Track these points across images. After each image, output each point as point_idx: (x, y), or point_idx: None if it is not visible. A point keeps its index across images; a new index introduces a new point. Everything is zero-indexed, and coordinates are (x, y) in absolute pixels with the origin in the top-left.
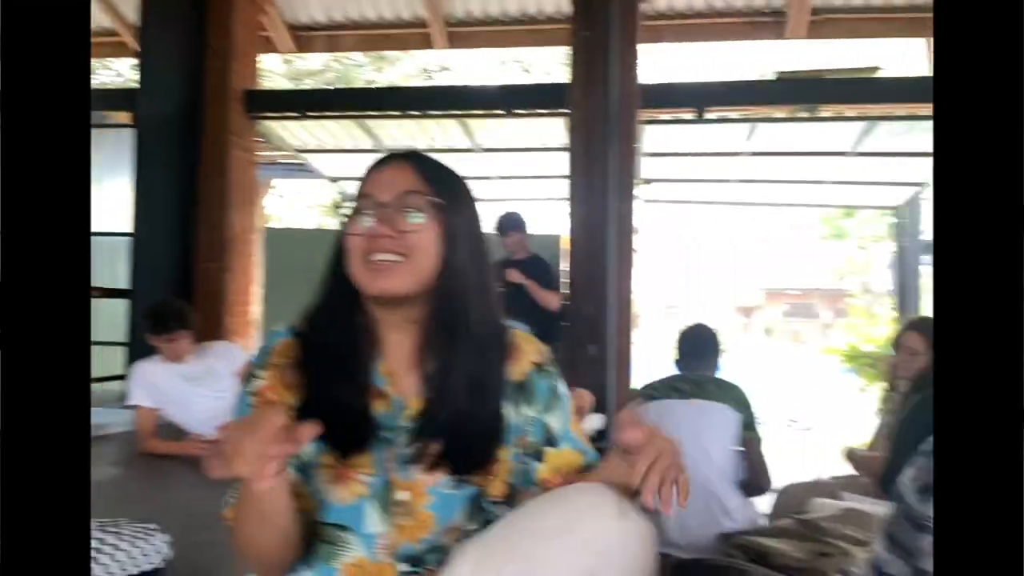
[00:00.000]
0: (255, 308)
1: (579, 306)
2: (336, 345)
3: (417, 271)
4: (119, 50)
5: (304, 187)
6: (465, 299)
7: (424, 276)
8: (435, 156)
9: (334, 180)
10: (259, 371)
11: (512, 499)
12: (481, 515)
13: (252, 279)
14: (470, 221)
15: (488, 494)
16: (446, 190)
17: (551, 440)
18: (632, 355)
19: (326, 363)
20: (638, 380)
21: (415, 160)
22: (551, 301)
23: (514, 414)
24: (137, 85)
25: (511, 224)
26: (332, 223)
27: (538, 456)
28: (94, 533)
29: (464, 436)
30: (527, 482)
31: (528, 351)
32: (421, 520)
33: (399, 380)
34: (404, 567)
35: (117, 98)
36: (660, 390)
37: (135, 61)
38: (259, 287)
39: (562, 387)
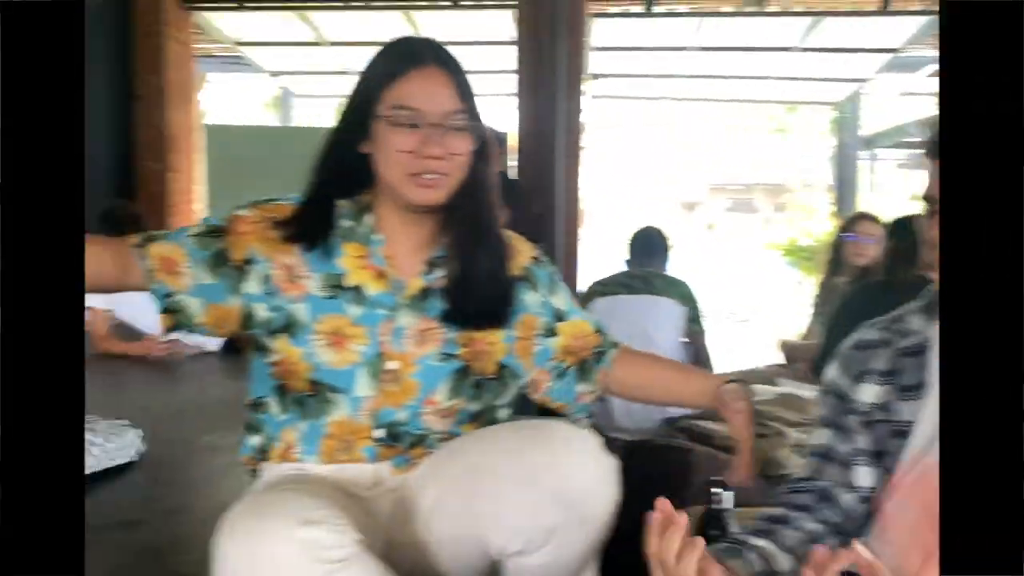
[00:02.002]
0: (199, 207)
1: (527, 205)
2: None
3: (454, 183)
4: None
5: (241, 81)
6: (484, 204)
7: (457, 186)
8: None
9: (274, 75)
10: (244, 209)
11: (503, 380)
12: (466, 391)
13: (194, 178)
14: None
15: (477, 371)
16: (474, 103)
17: (560, 315)
18: (579, 252)
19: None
20: (586, 277)
21: (451, 68)
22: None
23: (521, 299)
24: None
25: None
26: (271, 118)
27: (552, 332)
28: None
29: (475, 298)
30: (544, 359)
31: (523, 249)
32: (406, 387)
33: (400, 263)
34: (380, 432)
35: None
36: (610, 286)
37: None
38: (202, 186)
39: (558, 275)
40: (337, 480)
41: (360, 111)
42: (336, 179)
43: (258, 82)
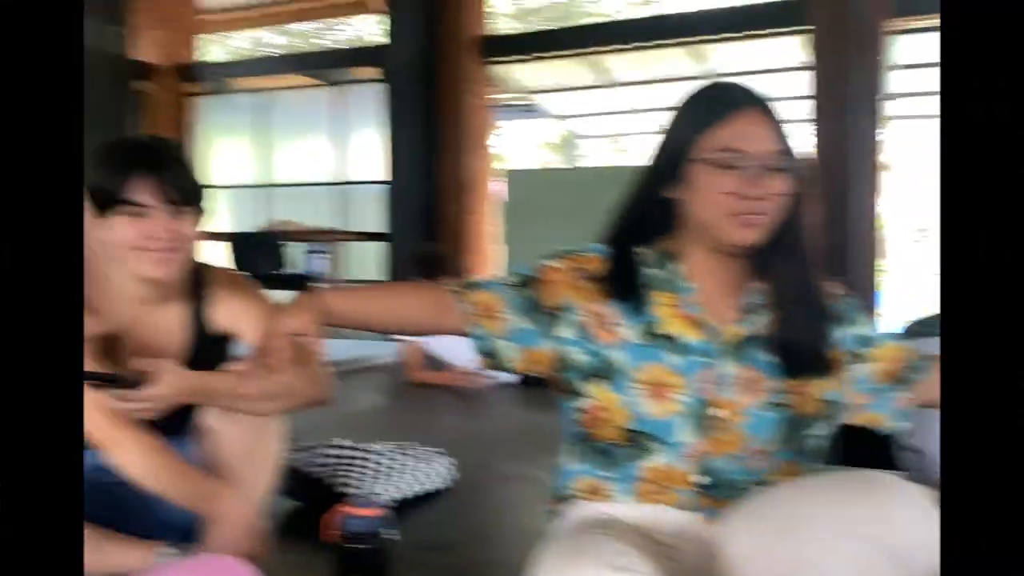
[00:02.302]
0: (495, 248)
1: (822, 233)
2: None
3: (773, 224)
4: (358, 8)
5: (528, 126)
6: (803, 247)
7: (775, 227)
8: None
9: (562, 118)
10: (552, 259)
11: (827, 416)
12: (794, 436)
13: (491, 219)
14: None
15: (804, 414)
16: (790, 144)
17: (869, 341)
18: (881, 286)
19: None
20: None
21: (768, 111)
22: None
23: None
24: (382, 41)
25: None
26: (555, 160)
27: (863, 358)
28: (393, 453)
29: (804, 347)
30: (864, 385)
31: (828, 288)
32: (733, 437)
33: (713, 310)
34: (700, 479)
35: (362, 55)
36: (931, 326)
37: (377, 18)
38: (498, 227)
39: (859, 306)
40: (645, 524)
41: (673, 156)
42: (638, 226)
43: (545, 126)
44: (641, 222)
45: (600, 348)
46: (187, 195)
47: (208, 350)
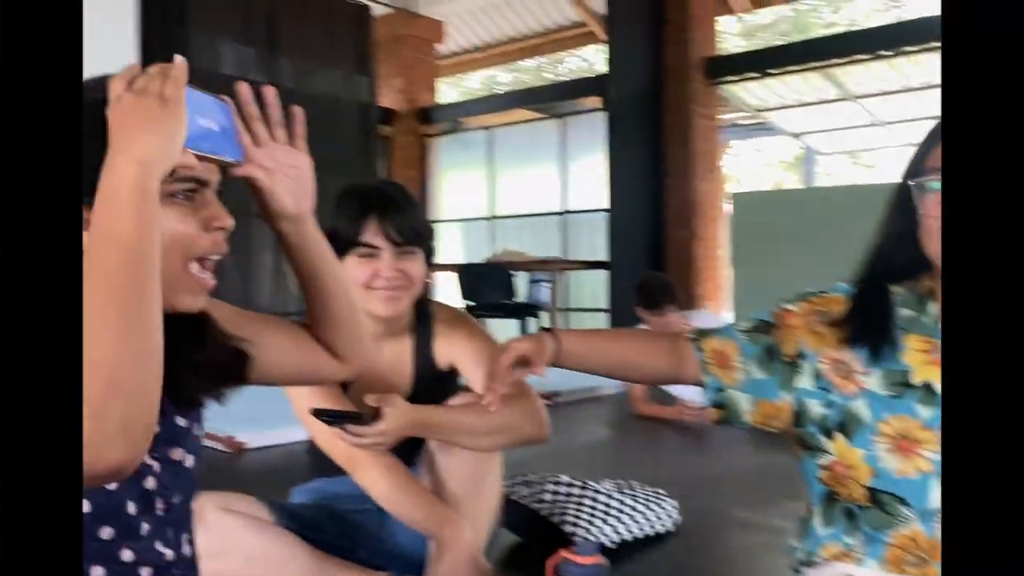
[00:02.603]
0: (724, 274)
1: None
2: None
3: None
4: (586, 40)
5: (763, 145)
6: None
7: None
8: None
9: (796, 135)
10: (791, 302)
11: None
12: None
13: (720, 245)
14: None
15: None
16: None
17: None
18: None
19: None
20: None
21: None
22: None
23: None
24: (605, 71)
25: None
26: (791, 179)
27: None
28: (615, 493)
29: None
30: None
31: None
32: None
33: None
34: None
35: (587, 85)
36: None
37: (602, 48)
38: (727, 252)
39: None
40: None
41: (915, 176)
42: (892, 260)
43: (779, 144)
44: (895, 255)
45: (841, 399)
46: (413, 236)
47: (432, 384)
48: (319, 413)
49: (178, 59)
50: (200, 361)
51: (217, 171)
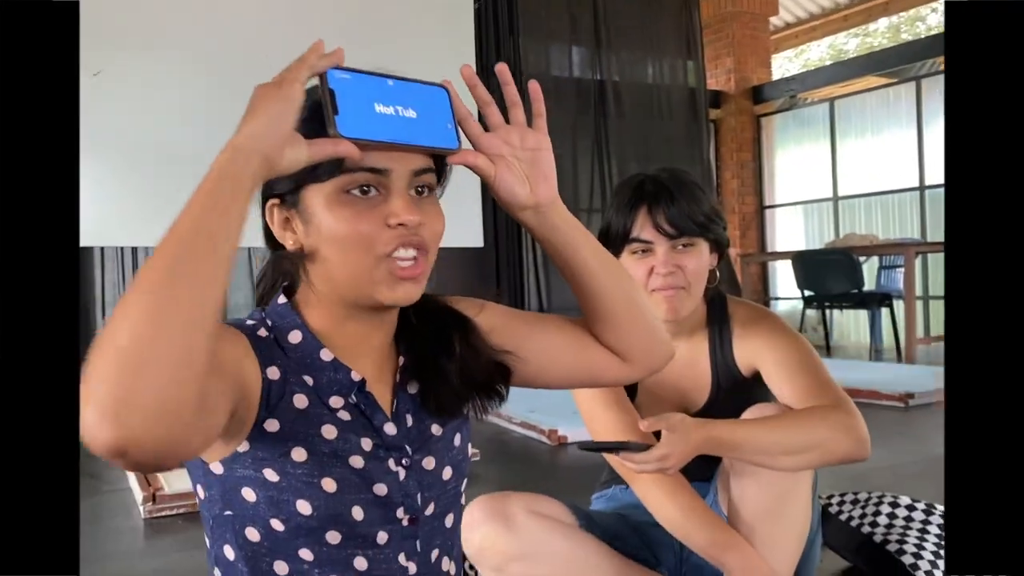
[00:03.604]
0: None
1: None
2: None
3: None
4: None
5: None
6: None
7: None
8: None
9: None
10: None
11: None
12: None
13: None
14: None
15: None
16: None
17: None
18: None
19: None
20: None
21: None
22: None
23: None
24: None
25: None
26: None
27: None
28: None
29: None
30: None
31: None
32: None
33: None
34: None
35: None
36: None
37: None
38: None
39: None
40: None
41: None
42: None
43: None
44: None
45: None
46: (690, 226)
47: (733, 392)
48: (585, 446)
49: (318, 43)
50: (455, 372)
51: (407, 159)
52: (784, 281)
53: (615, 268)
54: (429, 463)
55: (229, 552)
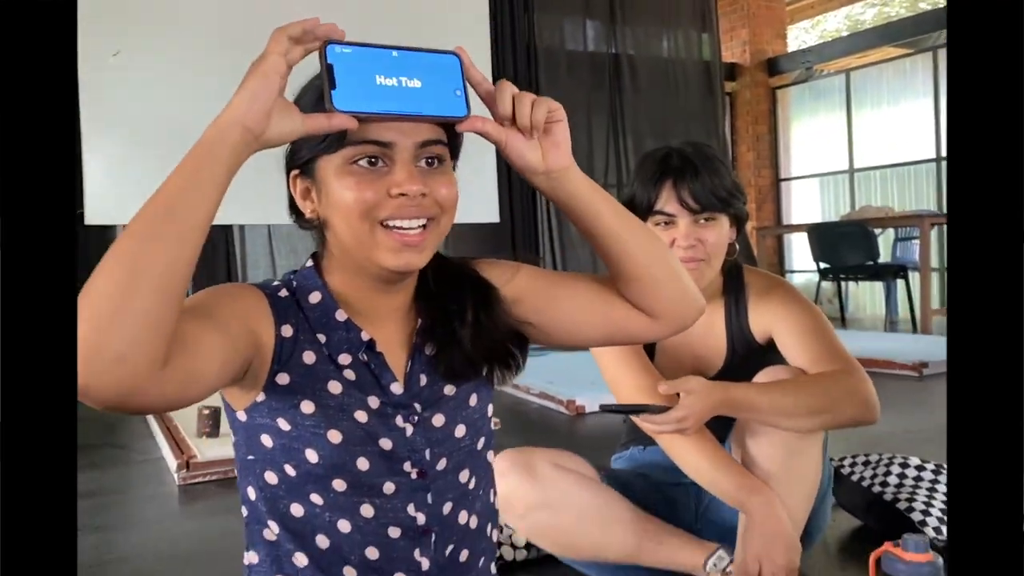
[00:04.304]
0: None
1: None
2: None
3: None
4: None
5: None
6: None
7: None
8: None
9: None
10: None
11: None
12: None
13: None
14: None
15: None
16: None
17: None
18: None
19: None
20: None
21: None
22: None
23: None
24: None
25: None
26: None
27: None
28: (929, 476)
29: None
30: None
31: None
32: None
33: None
34: None
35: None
36: None
37: None
38: None
39: None
40: None
41: None
42: None
43: None
44: None
45: None
46: (713, 201)
47: (749, 358)
48: (608, 408)
49: (308, 20)
50: (468, 337)
51: (412, 130)
52: (800, 254)
53: (640, 230)
54: (439, 420)
55: (252, 492)
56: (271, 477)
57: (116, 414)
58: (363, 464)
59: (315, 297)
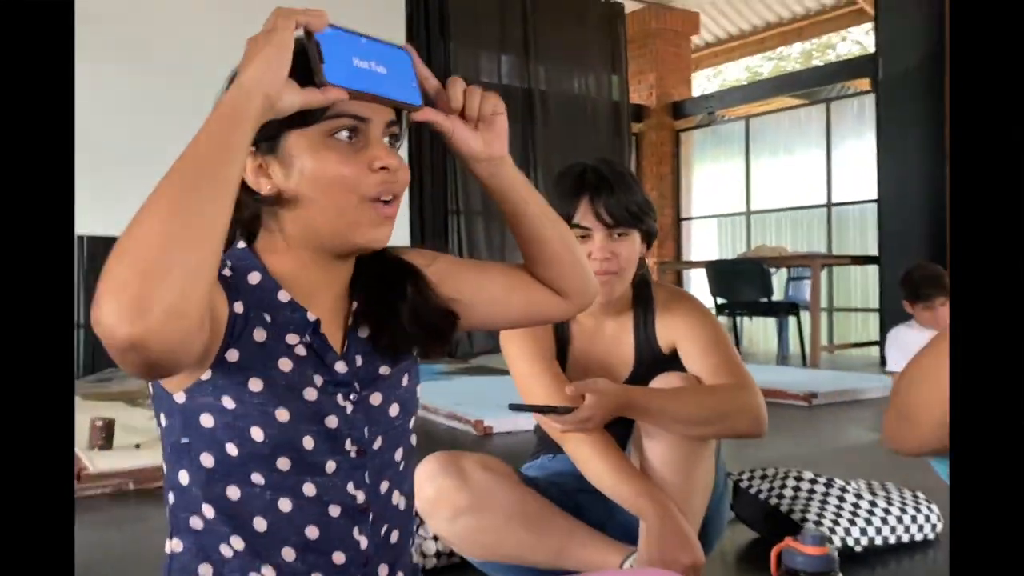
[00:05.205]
0: None
1: None
2: None
3: None
4: (855, 19)
5: None
6: None
7: None
8: None
9: None
10: None
11: None
12: None
13: None
14: None
15: None
16: None
17: None
18: None
19: None
20: None
21: None
22: None
23: None
24: (873, 51)
25: None
26: None
27: None
28: (862, 493)
29: None
30: None
31: None
32: None
33: None
34: None
35: (853, 66)
36: None
37: (871, 27)
38: None
39: None
40: None
41: None
42: None
43: None
44: None
45: None
46: (626, 217)
47: (654, 367)
48: (517, 407)
49: (316, 11)
50: (404, 315)
51: (382, 111)
52: (698, 289)
53: (557, 219)
54: (376, 399)
55: (184, 477)
56: (207, 460)
57: None
58: (308, 443)
59: (254, 277)
